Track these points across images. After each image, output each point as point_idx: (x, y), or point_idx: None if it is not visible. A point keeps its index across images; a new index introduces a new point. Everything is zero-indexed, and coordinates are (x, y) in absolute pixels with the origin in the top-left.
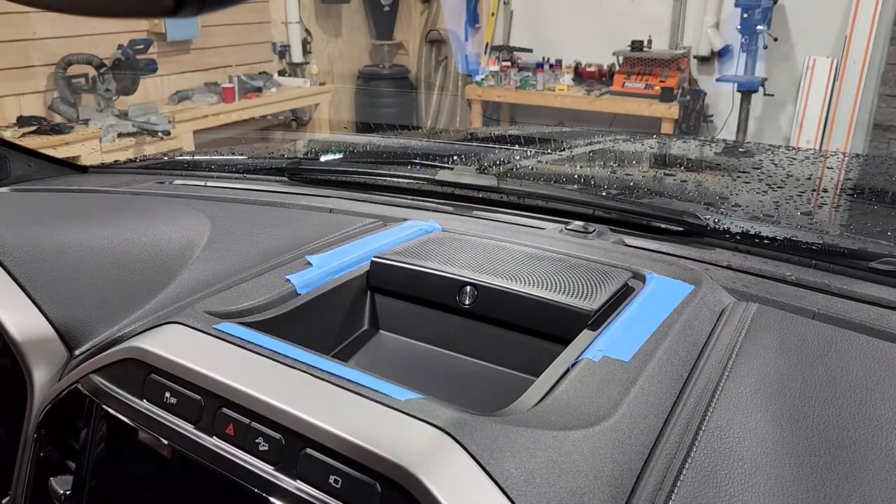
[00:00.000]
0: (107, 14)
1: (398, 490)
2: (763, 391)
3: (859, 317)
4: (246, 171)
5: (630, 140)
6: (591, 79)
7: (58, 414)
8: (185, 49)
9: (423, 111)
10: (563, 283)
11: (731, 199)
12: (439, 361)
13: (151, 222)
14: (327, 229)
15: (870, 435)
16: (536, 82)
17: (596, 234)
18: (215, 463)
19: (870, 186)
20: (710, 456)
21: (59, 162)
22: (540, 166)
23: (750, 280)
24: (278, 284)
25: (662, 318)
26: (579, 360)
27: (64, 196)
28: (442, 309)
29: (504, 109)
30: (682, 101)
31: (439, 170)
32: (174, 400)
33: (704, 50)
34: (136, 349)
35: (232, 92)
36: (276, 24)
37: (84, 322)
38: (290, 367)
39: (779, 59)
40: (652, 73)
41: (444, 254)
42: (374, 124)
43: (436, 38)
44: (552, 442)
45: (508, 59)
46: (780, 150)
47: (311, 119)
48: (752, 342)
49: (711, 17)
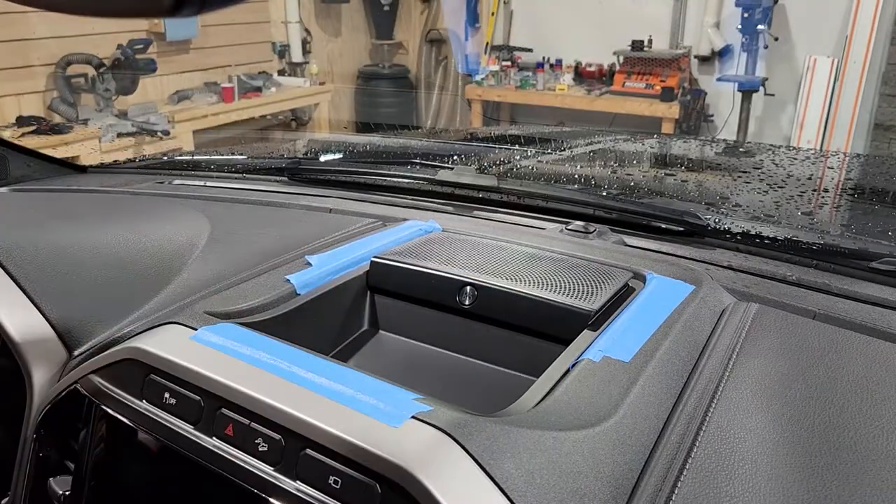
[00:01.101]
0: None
1: (398, 491)
2: (764, 391)
3: (860, 317)
4: (246, 171)
5: (630, 140)
6: (592, 78)
7: (57, 414)
8: (185, 49)
9: (423, 111)
10: (564, 283)
11: (731, 199)
12: (439, 362)
13: (151, 222)
14: (327, 229)
15: (871, 435)
16: (536, 82)
17: (596, 234)
18: (215, 463)
19: (870, 186)
20: (710, 456)
21: (59, 162)
22: (540, 166)
23: (750, 280)
24: (278, 284)
25: (663, 318)
26: (580, 360)
27: (63, 196)
28: (442, 309)
29: (504, 109)
30: (682, 100)
31: (439, 170)
32: (174, 400)
33: (705, 49)
34: (135, 349)
35: (231, 92)
36: (275, 23)
37: (83, 322)
38: (290, 368)
39: (779, 58)
40: (652, 73)
41: (444, 254)
42: (374, 124)
43: (436, 37)
44: (552, 442)
45: (508, 59)
46: (781, 150)
47: (310, 119)
48: (753, 342)
49: (712, 17)
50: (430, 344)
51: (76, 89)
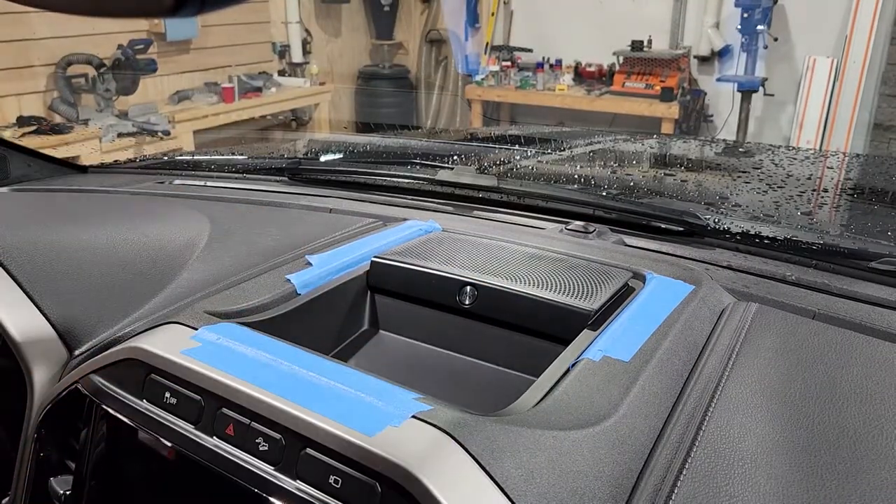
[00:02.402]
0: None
1: (398, 490)
2: (763, 391)
3: (859, 317)
4: (246, 171)
5: (630, 140)
6: (592, 79)
7: (58, 414)
8: (185, 49)
9: (423, 111)
10: (564, 283)
11: (731, 199)
12: (439, 361)
13: (151, 222)
14: (327, 229)
15: (870, 435)
16: (536, 82)
17: (596, 234)
18: (215, 463)
19: (870, 186)
20: (710, 456)
21: (59, 162)
22: (540, 166)
23: (750, 280)
24: (278, 284)
25: (663, 318)
26: (579, 360)
27: (64, 196)
28: (442, 309)
29: (504, 109)
30: (682, 100)
31: (439, 170)
32: (174, 400)
33: (704, 50)
34: (136, 349)
35: (232, 92)
36: (275, 23)
37: (84, 322)
38: (290, 367)
39: (779, 59)
40: (652, 73)
41: (444, 254)
42: (374, 124)
43: (436, 37)
44: (552, 442)
45: (508, 59)
46: (781, 150)
47: (310, 119)
48: (753, 342)
49: (712, 17)
50: (430, 344)
51: (76, 89)
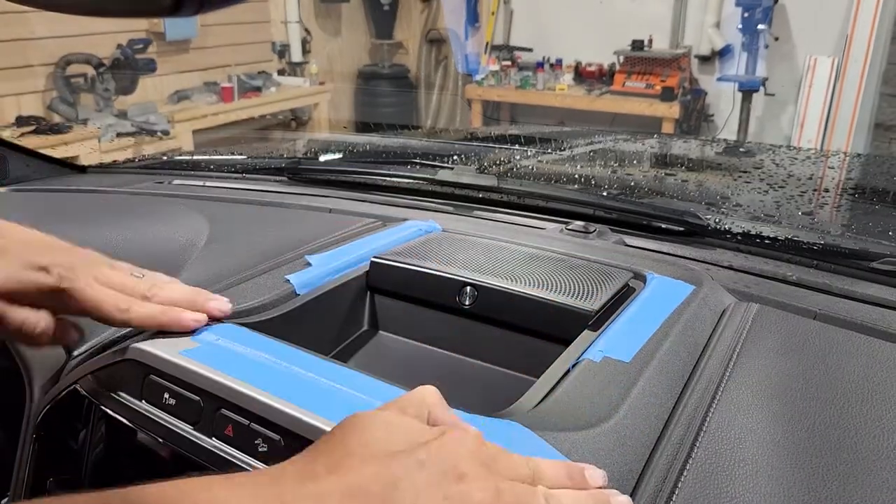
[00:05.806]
0: (106, 14)
1: None
2: (764, 392)
3: (861, 317)
4: (245, 171)
5: (630, 140)
6: (592, 78)
7: (57, 415)
8: (185, 48)
9: (423, 111)
10: (564, 283)
11: (732, 199)
12: (439, 362)
13: (150, 222)
14: (327, 229)
15: (871, 436)
16: (536, 82)
17: (596, 234)
18: (214, 464)
19: (871, 186)
20: (711, 457)
21: (58, 162)
22: (540, 166)
23: (751, 280)
24: (277, 284)
25: (663, 318)
26: (580, 360)
27: (62, 196)
28: (442, 309)
29: (504, 109)
30: (682, 100)
31: (439, 170)
32: (173, 401)
33: (705, 49)
34: (134, 350)
35: (231, 91)
36: (275, 23)
37: (83, 322)
38: (290, 368)
39: (780, 58)
40: (652, 73)
41: (443, 254)
42: (374, 124)
43: (436, 37)
44: (552, 443)
45: (508, 59)
46: (782, 150)
47: (310, 119)
48: (754, 343)
49: (712, 17)
50: (430, 344)
51: (76, 89)
